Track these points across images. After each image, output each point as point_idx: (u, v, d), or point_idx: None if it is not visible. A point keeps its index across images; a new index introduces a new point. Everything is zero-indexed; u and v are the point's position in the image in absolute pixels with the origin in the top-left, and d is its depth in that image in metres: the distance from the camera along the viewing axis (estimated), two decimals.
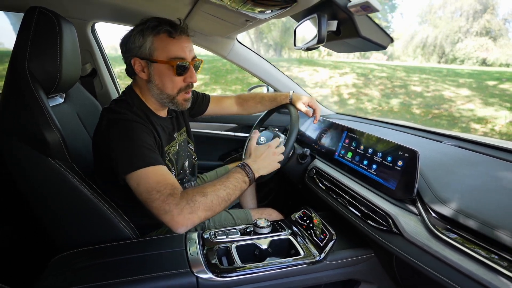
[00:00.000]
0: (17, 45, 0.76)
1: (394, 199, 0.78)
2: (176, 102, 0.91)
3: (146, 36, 0.83)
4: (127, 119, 0.81)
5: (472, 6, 12.28)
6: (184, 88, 0.90)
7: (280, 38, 14.30)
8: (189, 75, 0.88)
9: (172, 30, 0.83)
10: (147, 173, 0.75)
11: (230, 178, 0.82)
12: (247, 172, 0.85)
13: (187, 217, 0.72)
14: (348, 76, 8.63)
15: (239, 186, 0.82)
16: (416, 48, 13.62)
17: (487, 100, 6.38)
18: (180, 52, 0.85)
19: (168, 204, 0.71)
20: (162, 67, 0.85)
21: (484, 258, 0.55)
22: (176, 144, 1.00)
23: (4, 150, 0.77)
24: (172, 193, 0.73)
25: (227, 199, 0.79)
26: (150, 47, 0.83)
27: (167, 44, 0.83)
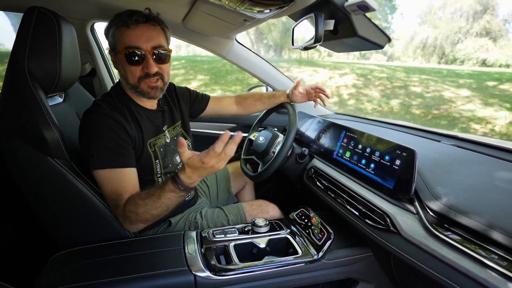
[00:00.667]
0: (16, 44, 0.77)
1: (392, 198, 0.79)
2: (141, 91, 0.89)
3: (110, 28, 0.87)
4: (99, 112, 0.82)
5: (472, 7, 12.29)
6: (144, 77, 0.87)
7: (280, 39, 14.32)
8: (145, 65, 0.85)
9: (127, 19, 0.82)
10: (104, 175, 0.80)
11: (162, 198, 0.75)
12: (181, 189, 0.74)
13: (130, 226, 0.82)
14: (348, 76, 8.64)
15: (173, 203, 0.77)
16: (416, 48, 13.62)
17: (487, 101, 6.38)
18: (133, 41, 0.83)
19: (115, 214, 0.82)
20: (120, 57, 0.86)
21: (480, 256, 0.55)
22: (164, 137, 1.00)
23: (3, 149, 0.77)
24: (117, 205, 0.80)
25: (161, 215, 0.80)
26: (113, 38, 0.86)
27: (123, 34, 0.84)
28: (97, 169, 0.80)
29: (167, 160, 0.99)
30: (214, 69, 9.11)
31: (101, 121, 0.81)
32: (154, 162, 0.94)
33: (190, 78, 8.40)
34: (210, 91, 7.62)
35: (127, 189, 0.81)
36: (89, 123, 0.82)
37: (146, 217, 0.79)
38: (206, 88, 7.83)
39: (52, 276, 0.70)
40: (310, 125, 1.33)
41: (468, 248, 0.58)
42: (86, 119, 0.83)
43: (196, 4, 0.97)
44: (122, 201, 0.79)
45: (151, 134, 0.95)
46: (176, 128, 1.08)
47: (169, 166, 0.99)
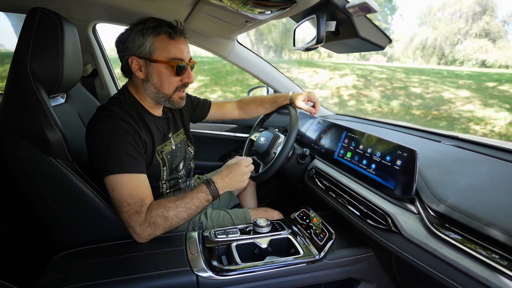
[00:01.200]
0: (19, 45, 0.77)
1: (393, 198, 0.79)
2: (172, 101, 0.93)
3: (146, 36, 0.84)
4: (113, 116, 0.81)
5: (471, 8, 12.32)
6: (181, 87, 0.92)
7: (280, 40, 14.34)
8: (186, 76, 0.91)
9: (172, 32, 0.86)
10: (122, 180, 0.77)
11: (194, 199, 0.84)
12: (211, 191, 0.86)
13: (148, 234, 0.80)
14: (348, 77, 8.65)
15: (201, 206, 0.85)
16: (416, 49, 13.65)
17: (487, 101, 6.39)
18: (179, 54, 0.87)
19: (133, 221, 0.77)
20: (161, 67, 0.87)
21: (481, 255, 0.56)
22: (170, 144, 1.00)
23: (6, 150, 0.78)
24: (139, 210, 0.77)
25: (187, 219, 0.83)
26: (150, 47, 0.85)
27: (167, 45, 0.86)
28: (114, 173, 0.77)
29: (173, 167, 1.00)
30: (214, 69, 9.11)
31: (116, 124, 0.80)
32: (162, 169, 0.94)
33: None
34: (210, 91, 7.63)
35: (147, 194, 0.81)
36: (102, 127, 0.80)
37: (173, 221, 0.80)
38: (206, 88, 7.83)
39: (54, 277, 0.70)
40: (311, 126, 1.34)
41: (469, 247, 0.58)
42: (97, 124, 0.81)
43: (198, 5, 0.98)
44: (144, 206, 0.78)
45: (159, 141, 0.95)
46: (180, 135, 1.09)
47: (173, 173, 1.00)
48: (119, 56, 0.91)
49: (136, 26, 0.86)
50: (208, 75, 8.68)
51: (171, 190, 1.00)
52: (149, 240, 0.81)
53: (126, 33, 0.87)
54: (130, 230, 0.79)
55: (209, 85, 8.02)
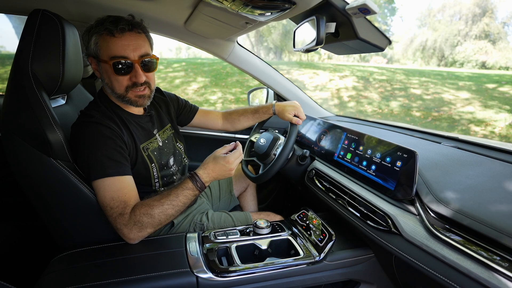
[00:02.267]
0: (20, 47, 0.77)
1: (393, 199, 0.79)
2: (129, 100, 0.87)
3: (91, 35, 0.83)
4: (92, 121, 0.81)
5: (471, 10, 12.36)
6: (132, 86, 0.86)
7: (280, 41, 14.37)
8: (133, 74, 0.84)
9: (113, 28, 0.80)
10: (104, 185, 0.78)
11: (179, 195, 0.82)
12: (197, 186, 0.85)
13: (137, 234, 0.78)
14: (348, 79, 8.66)
15: (188, 202, 0.84)
16: (416, 51, 13.68)
17: (487, 103, 6.39)
18: (120, 51, 0.81)
19: (118, 223, 0.77)
20: (106, 66, 0.83)
21: (482, 257, 0.56)
22: (156, 141, 1.00)
23: (7, 150, 0.78)
24: (122, 212, 0.77)
25: (175, 215, 0.83)
26: (95, 46, 0.83)
27: (108, 43, 0.81)
28: (96, 179, 0.78)
29: (162, 163, 0.99)
30: (214, 71, 9.13)
31: (96, 130, 0.80)
32: (151, 166, 0.94)
33: (190, 80, 8.42)
34: (210, 93, 7.64)
35: (130, 195, 0.80)
36: (83, 133, 0.80)
37: (161, 218, 0.79)
38: (206, 90, 7.84)
39: (54, 277, 0.70)
40: (311, 127, 1.34)
41: (470, 249, 0.58)
42: (78, 130, 0.81)
43: (198, 7, 0.98)
44: (128, 208, 0.78)
45: (142, 139, 0.94)
46: (166, 132, 1.08)
47: (164, 169, 1.00)
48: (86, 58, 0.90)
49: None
50: (208, 77, 8.69)
51: (165, 187, 1.00)
52: (140, 240, 0.80)
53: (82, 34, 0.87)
54: (119, 233, 0.78)
55: (209, 87, 8.03)
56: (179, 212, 0.83)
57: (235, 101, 7.06)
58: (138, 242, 0.84)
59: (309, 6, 0.73)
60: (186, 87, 7.93)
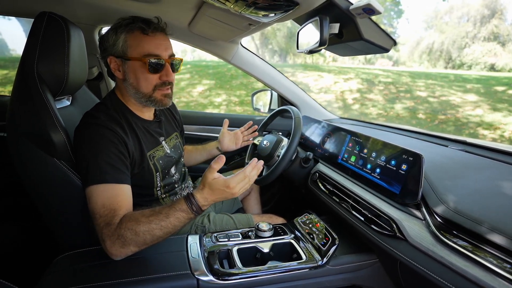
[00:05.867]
0: (26, 48, 0.79)
1: (398, 203, 0.77)
2: (155, 100, 0.87)
3: (119, 33, 0.82)
4: (97, 124, 0.78)
5: (479, 11, 12.20)
6: (160, 85, 0.86)
7: (285, 44, 14.40)
8: (164, 73, 0.85)
9: (146, 27, 0.81)
10: (98, 191, 0.73)
11: (170, 217, 0.71)
12: (192, 210, 0.73)
13: (119, 250, 0.70)
14: (353, 81, 8.61)
15: (180, 225, 0.73)
16: (422, 53, 13.54)
17: (496, 106, 6.27)
18: (153, 49, 0.82)
19: (103, 234, 0.70)
20: (135, 65, 0.83)
21: (491, 264, 0.54)
22: (162, 148, 0.97)
23: (12, 150, 0.79)
24: (109, 222, 0.70)
25: (164, 237, 0.72)
26: (123, 45, 0.82)
27: (140, 41, 0.81)
28: (93, 184, 0.73)
29: (166, 171, 0.97)
30: (219, 73, 9.18)
31: (99, 132, 0.77)
32: (155, 174, 0.91)
33: (195, 83, 8.48)
34: (214, 95, 7.67)
35: (122, 205, 0.74)
36: (85, 135, 0.78)
37: (145, 238, 0.70)
38: (211, 92, 7.88)
39: (55, 278, 0.70)
40: (315, 130, 1.33)
41: (478, 255, 0.56)
42: (81, 131, 0.79)
43: (201, 8, 0.99)
44: (116, 218, 0.71)
45: (149, 146, 0.91)
46: (173, 139, 1.06)
47: (166, 178, 0.97)
48: (101, 58, 0.89)
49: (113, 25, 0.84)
50: (213, 79, 8.74)
51: (167, 195, 0.99)
52: (122, 257, 0.72)
53: (104, 34, 0.86)
54: (103, 244, 0.71)
55: (214, 89, 8.07)
56: (168, 235, 0.73)
57: (240, 103, 7.07)
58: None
59: (312, 7, 0.72)
60: (191, 90, 7.99)
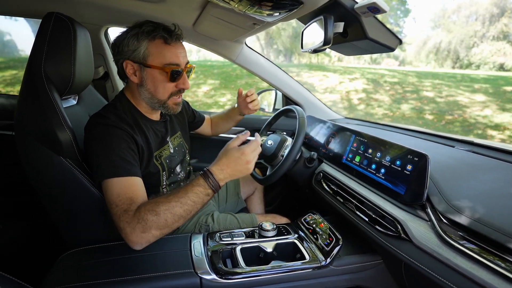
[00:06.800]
0: (34, 48, 0.80)
1: (403, 204, 0.76)
2: (167, 107, 0.91)
3: (141, 40, 0.83)
4: (107, 124, 0.80)
5: (488, 10, 11.99)
6: (176, 93, 0.90)
7: (290, 44, 14.36)
8: (181, 81, 0.89)
9: (168, 37, 0.84)
10: (112, 184, 0.74)
11: (189, 192, 0.74)
12: (210, 184, 0.76)
13: (140, 236, 0.70)
14: (358, 81, 8.55)
15: (199, 201, 0.75)
16: (429, 53, 13.37)
17: (505, 106, 6.15)
18: (174, 59, 0.85)
19: (122, 222, 0.70)
20: (155, 72, 0.85)
21: (499, 267, 0.53)
22: (168, 148, 1.00)
23: (19, 149, 0.80)
24: (127, 209, 0.71)
25: (185, 215, 0.73)
26: (144, 52, 0.83)
27: (162, 50, 0.83)
28: (105, 178, 0.74)
29: (172, 170, 1.00)
30: (224, 73, 9.20)
31: (110, 131, 0.79)
32: (161, 173, 0.94)
33: (201, 83, 8.52)
34: (219, 95, 7.69)
35: (137, 194, 0.76)
36: (97, 134, 0.79)
37: (166, 217, 0.71)
38: (216, 92, 7.91)
39: (61, 274, 0.71)
40: (320, 130, 1.32)
41: (485, 258, 0.55)
42: (93, 131, 0.80)
43: (206, 8, 0.99)
44: (133, 205, 0.72)
45: (157, 146, 0.94)
46: (177, 138, 1.08)
47: (171, 176, 1.00)
48: (114, 59, 0.89)
49: (132, 30, 0.84)
50: (218, 79, 8.77)
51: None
52: (143, 245, 0.72)
53: (121, 37, 0.86)
54: (122, 234, 0.71)
55: (219, 89, 8.10)
56: (189, 214, 0.74)
57: None
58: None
59: (316, 6, 0.72)
60: (196, 89, 8.03)
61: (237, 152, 0.79)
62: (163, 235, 0.74)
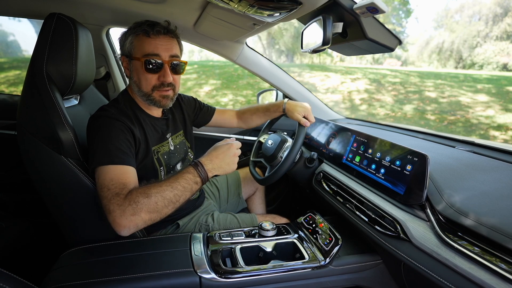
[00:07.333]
0: (36, 48, 0.81)
1: (403, 204, 0.76)
2: (153, 99, 0.92)
3: (128, 35, 0.89)
4: (107, 116, 0.83)
5: (491, 10, 11.91)
6: (159, 86, 0.90)
7: (292, 44, 14.35)
8: (162, 74, 0.89)
9: (149, 30, 0.87)
10: (107, 170, 0.76)
11: (179, 178, 0.77)
12: (199, 172, 0.80)
13: (129, 219, 0.69)
14: (360, 81, 8.53)
15: (189, 188, 0.78)
16: (432, 53, 13.31)
17: (507, 106, 6.11)
18: (153, 49, 0.86)
19: (112, 204, 0.70)
20: (137, 64, 0.89)
21: (498, 268, 0.53)
22: (167, 144, 1.01)
23: (22, 148, 0.81)
24: (119, 192, 0.71)
25: (174, 201, 0.75)
26: (130, 45, 0.89)
27: (143, 42, 0.87)
28: (100, 165, 0.76)
29: (170, 167, 1.01)
30: (226, 73, 9.21)
31: (110, 123, 0.82)
32: (159, 169, 0.95)
33: (202, 83, 8.54)
34: (221, 95, 7.71)
35: (130, 181, 0.77)
36: (97, 124, 0.83)
37: (157, 200, 0.72)
38: (218, 92, 7.92)
39: (62, 272, 0.72)
40: (320, 130, 1.32)
41: (484, 258, 0.55)
42: (94, 123, 0.84)
43: (206, 8, 1.00)
44: (125, 189, 0.73)
45: (155, 141, 0.96)
46: (179, 137, 1.10)
47: (171, 173, 1.00)
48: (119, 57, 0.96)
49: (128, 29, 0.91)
50: (220, 79, 8.78)
51: None
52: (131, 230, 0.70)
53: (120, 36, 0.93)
54: (110, 217, 0.70)
55: (221, 89, 8.11)
56: (178, 200, 0.75)
57: (246, 103, 7.09)
58: (144, 240, 0.85)
59: (315, 6, 0.72)
60: (198, 89, 8.05)
61: (226, 146, 0.87)
62: (151, 221, 0.73)
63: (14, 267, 1.18)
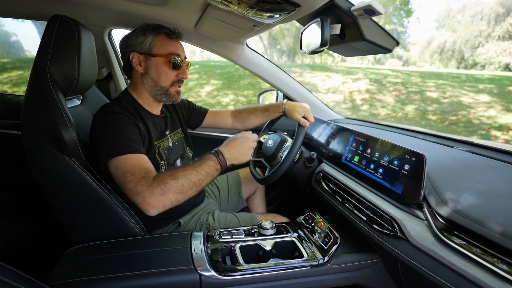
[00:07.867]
0: (40, 50, 0.82)
1: (400, 203, 0.77)
2: (169, 94, 1.00)
3: (147, 34, 0.96)
4: (113, 112, 0.87)
5: (493, 10, 11.86)
6: (177, 82, 1.00)
7: (293, 44, 14.36)
8: (181, 71, 1.00)
9: (170, 33, 0.98)
10: (125, 159, 0.80)
11: (203, 164, 0.86)
12: (220, 160, 0.88)
13: (158, 198, 0.75)
14: (361, 81, 8.52)
15: (211, 173, 0.86)
16: (433, 53, 13.27)
17: (509, 106, 6.09)
18: (176, 50, 0.98)
19: (140, 186, 0.76)
20: (159, 61, 0.96)
21: (492, 265, 0.53)
22: (167, 140, 1.05)
23: (25, 148, 0.82)
24: (145, 176, 0.78)
25: (198, 184, 0.82)
26: (150, 44, 0.95)
27: (166, 43, 0.97)
28: (116, 155, 0.79)
29: (171, 162, 1.03)
30: (227, 74, 9.23)
31: (115, 118, 0.86)
32: (160, 163, 0.98)
33: (203, 83, 8.56)
34: (222, 95, 7.72)
35: (151, 166, 0.83)
36: (104, 120, 0.86)
37: (184, 182, 0.79)
38: (219, 92, 7.94)
39: (65, 270, 0.73)
40: (320, 130, 1.33)
41: (479, 256, 0.56)
42: (100, 119, 0.87)
43: (207, 10, 1.01)
44: (149, 173, 0.79)
45: (156, 137, 1.00)
46: (177, 135, 1.13)
47: (171, 168, 1.03)
48: (121, 54, 1.00)
49: (140, 27, 0.97)
50: (221, 79, 8.80)
51: None
52: (159, 209, 0.76)
53: (130, 33, 0.98)
54: (139, 198, 0.75)
55: (222, 89, 8.13)
56: (201, 184, 0.83)
57: (247, 103, 7.10)
58: (146, 238, 0.86)
59: (313, 8, 0.73)
60: (199, 90, 8.07)
61: (243, 138, 0.97)
62: (177, 202, 0.79)
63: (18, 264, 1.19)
